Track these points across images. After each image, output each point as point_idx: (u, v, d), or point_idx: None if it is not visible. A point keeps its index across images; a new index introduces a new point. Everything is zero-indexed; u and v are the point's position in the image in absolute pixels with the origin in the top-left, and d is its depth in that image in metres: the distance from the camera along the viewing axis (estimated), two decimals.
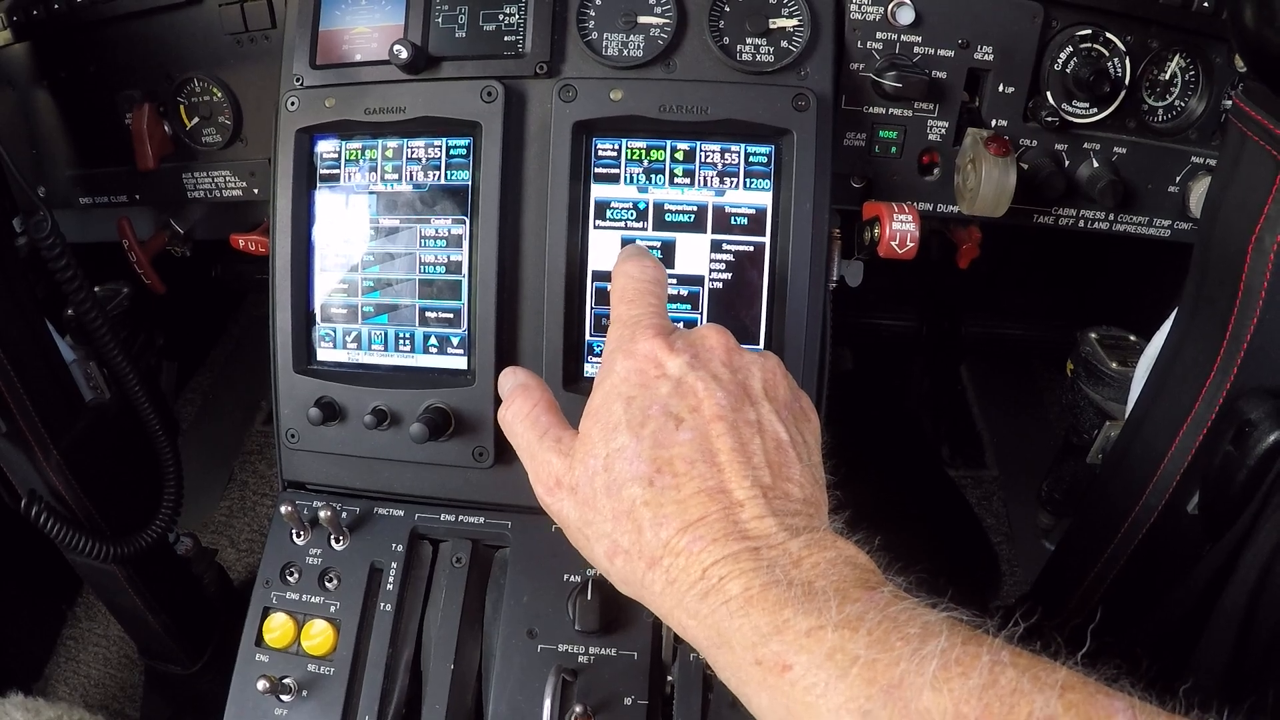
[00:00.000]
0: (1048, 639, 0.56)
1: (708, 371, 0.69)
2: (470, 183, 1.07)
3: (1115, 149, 1.16)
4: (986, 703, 0.48)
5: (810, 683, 0.52)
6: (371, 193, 1.09)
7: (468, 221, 1.07)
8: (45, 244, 1.15)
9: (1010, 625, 0.55)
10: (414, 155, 1.08)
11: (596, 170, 1.06)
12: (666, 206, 1.05)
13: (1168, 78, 1.17)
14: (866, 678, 0.51)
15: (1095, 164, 1.16)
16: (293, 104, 1.09)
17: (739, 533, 0.61)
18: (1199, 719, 0.50)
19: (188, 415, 2.33)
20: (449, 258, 1.07)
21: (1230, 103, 0.92)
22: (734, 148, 1.04)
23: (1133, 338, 1.30)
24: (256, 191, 1.28)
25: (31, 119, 1.34)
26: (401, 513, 1.09)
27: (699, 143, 1.05)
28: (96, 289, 1.30)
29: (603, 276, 1.06)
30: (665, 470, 0.64)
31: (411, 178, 1.08)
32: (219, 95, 1.25)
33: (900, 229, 1.02)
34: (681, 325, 0.78)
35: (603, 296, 1.06)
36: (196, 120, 1.27)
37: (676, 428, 0.66)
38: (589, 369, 1.07)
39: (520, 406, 0.77)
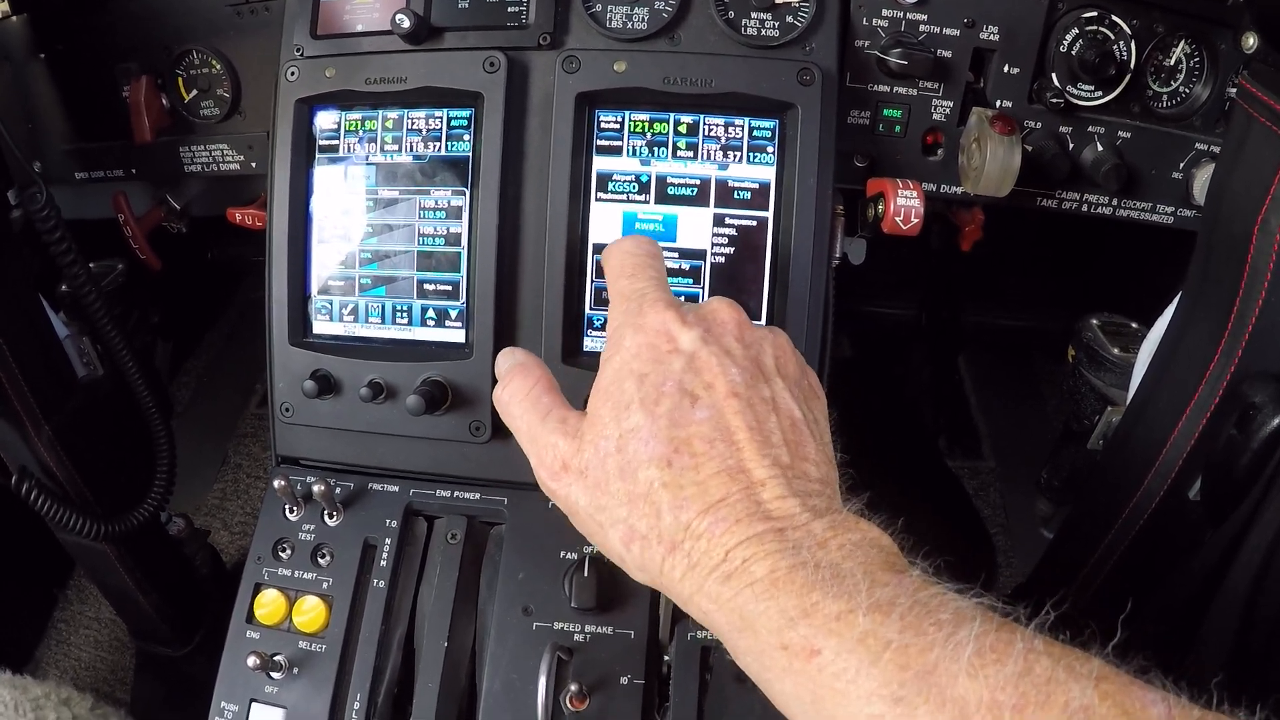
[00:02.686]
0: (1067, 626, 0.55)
1: (720, 346, 0.68)
2: (471, 154, 1.06)
3: (1119, 133, 1.16)
4: (1023, 690, 0.47)
5: (840, 668, 0.51)
6: (371, 164, 1.08)
7: (468, 193, 1.06)
8: (40, 218, 1.14)
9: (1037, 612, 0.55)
10: (414, 126, 1.07)
11: (599, 142, 1.05)
12: (669, 179, 1.04)
13: (1173, 63, 1.16)
14: (899, 663, 0.50)
15: (1099, 147, 1.15)
16: (293, 74, 1.08)
17: (762, 514, 0.59)
18: (1231, 714, 0.49)
19: (182, 398, 2.31)
20: (448, 229, 1.06)
21: (1236, 86, 0.92)
22: (738, 121, 1.04)
23: (1134, 324, 1.30)
24: (254, 165, 1.27)
25: (28, 93, 1.32)
26: (396, 488, 1.07)
27: (702, 116, 1.04)
28: (91, 265, 1.29)
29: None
30: (683, 450, 0.63)
31: (411, 149, 1.07)
32: (218, 68, 1.24)
33: (905, 204, 1.01)
34: (683, 300, 0.76)
35: (604, 270, 1.05)
36: (195, 93, 1.26)
37: (692, 405, 0.64)
38: (589, 343, 1.06)
39: (519, 386, 0.74)
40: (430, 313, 1.08)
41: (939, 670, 0.49)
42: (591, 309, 1.06)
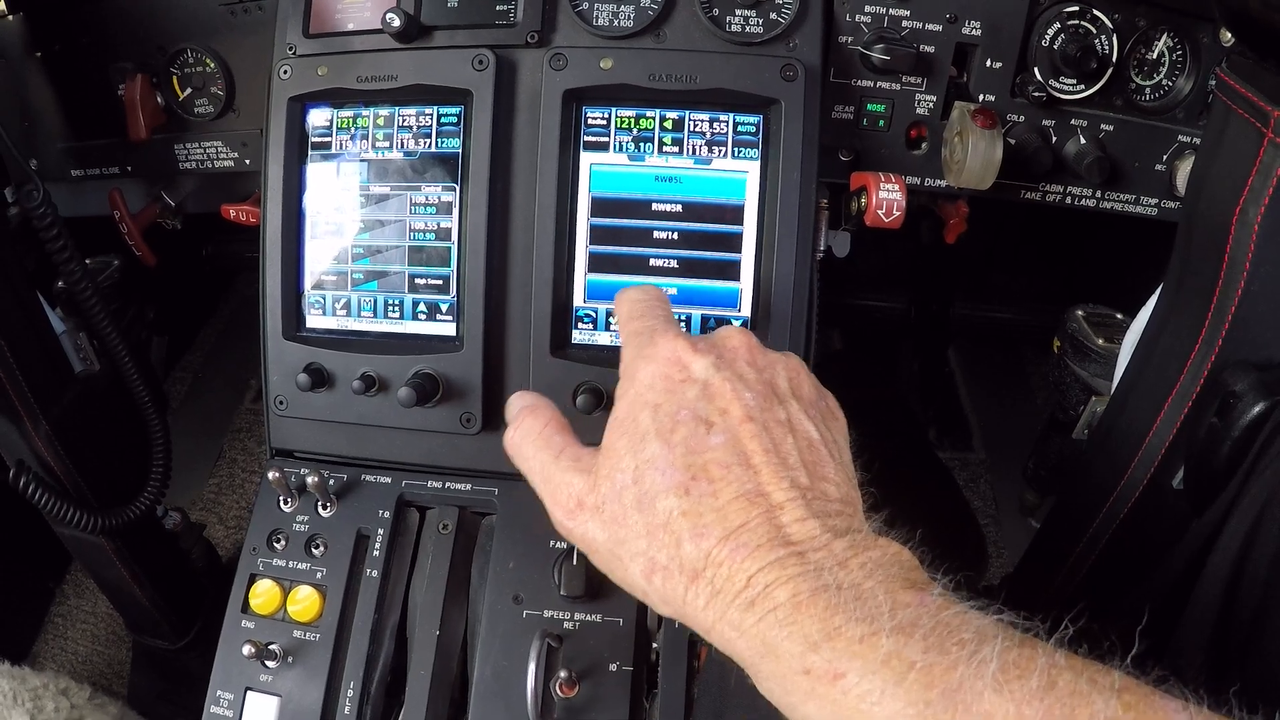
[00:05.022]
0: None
1: (733, 372, 0.67)
2: (461, 150, 1.07)
3: (1102, 126, 1.17)
4: (1048, 705, 0.48)
5: (865, 690, 0.51)
6: (363, 160, 1.09)
7: (458, 189, 1.07)
8: (37, 215, 1.15)
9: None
10: (405, 123, 1.08)
11: (586, 138, 1.06)
12: (656, 175, 1.06)
13: (1155, 57, 1.17)
14: (924, 682, 0.50)
15: (1082, 140, 1.17)
16: (285, 72, 1.09)
17: (782, 538, 0.59)
18: None
19: (177, 393, 2.33)
20: (439, 224, 1.08)
21: (1215, 79, 0.93)
22: (722, 117, 1.05)
23: (1119, 315, 1.31)
24: (248, 162, 1.28)
25: (24, 91, 1.33)
26: (389, 479, 1.09)
27: (688, 111, 1.05)
28: (87, 261, 1.30)
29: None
30: (700, 477, 0.62)
31: (402, 145, 1.08)
32: (212, 66, 1.25)
33: (887, 198, 1.02)
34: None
35: (593, 264, 1.07)
36: (189, 91, 1.27)
37: (708, 432, 0.64)
38: (577, 335, 1.08)
39: (530, 426, 0.74)
40: (421, 307, 1.09)
41: (964, 688, 0.49)
42: (579, 303, 1.07)
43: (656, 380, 0.68)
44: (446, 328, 1.09)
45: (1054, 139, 1.17)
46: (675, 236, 1.06)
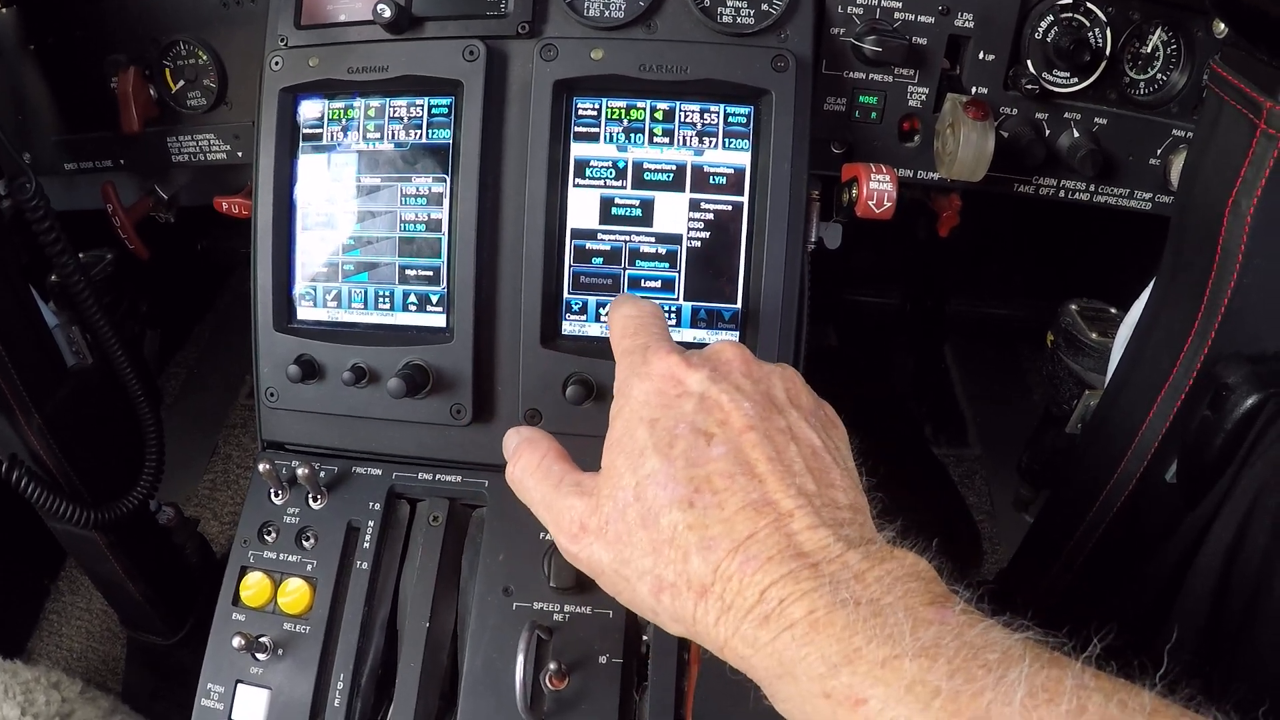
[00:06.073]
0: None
1: (730, 384, 0.67)
2: (451, 141, 1.07)
3: (1096, 119, 1.17)
4: None
5: (888, 717, 0.49)
6: (354, 151, 1.09)
7: (448, 180, 1.07)
8: (29, 208, 1.15)
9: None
10: (396, 114, 1.08)
11: (576, 129, 1.06)
12: (646, 165, 1.06)
13: (1149, 51, 1.17)
14: (950, 710, 0.48)
15: (1075, 133, 1.16)
16: (277, 64, 1.09)
17: (793, 548, 0.57)
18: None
19: (172, 389, 2.33)
20: (429, 215, 1.08)
21: (1208, 71, 0.93)
22: (713, 108, 1.05)
23: (1113, 309, 1.31)
24: (240, 155, 1.28)
25: (17, 84, 1.34)
26: (379, 472, 1.09)
27: (679, 102, 1.05)
28: (80, 254, 1.30)
29: (581, 234, 1.07)
30: (704, 489, 0.61)
31: (393, 136, 1.08)
32: (204, 58, 1.25)
33: (878, 188, 1.02)
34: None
35: (581, 255, 1.07)
36: (182, 84, 1.27)
37: (708, 444, 0.63)
38: (567, 326, 1.08)
39: (528, 459, 0.74)
40: (412, 298, 1.09)
41: (992, 716, 0.47)
42: (569, 293, 1.07)
43: (651, 396, 0.67)
44: (437, 319, 1.09)
45: (1047, 132, 1.17)
46: None
